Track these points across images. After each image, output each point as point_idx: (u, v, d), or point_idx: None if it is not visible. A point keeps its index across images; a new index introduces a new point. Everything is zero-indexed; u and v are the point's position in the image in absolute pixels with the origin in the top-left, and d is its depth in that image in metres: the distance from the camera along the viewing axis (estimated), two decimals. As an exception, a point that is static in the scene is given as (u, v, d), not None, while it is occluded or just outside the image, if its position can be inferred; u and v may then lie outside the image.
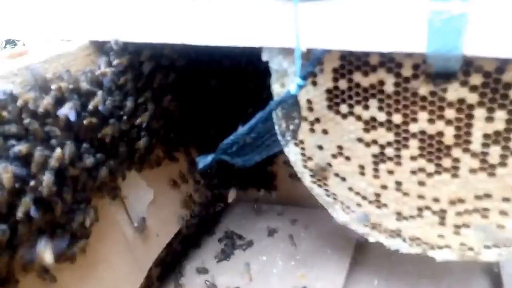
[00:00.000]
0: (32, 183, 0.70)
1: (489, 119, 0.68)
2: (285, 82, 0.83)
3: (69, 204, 0.80)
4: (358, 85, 0.76)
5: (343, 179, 0.92)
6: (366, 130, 0.81)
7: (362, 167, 0.87)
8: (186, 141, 1.27)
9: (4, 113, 0.71)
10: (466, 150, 0.73)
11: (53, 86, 0.77)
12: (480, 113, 0.69)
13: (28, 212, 0.69)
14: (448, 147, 0.74)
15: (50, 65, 0.83)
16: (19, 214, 0.68)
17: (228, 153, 0.75)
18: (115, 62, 0.88)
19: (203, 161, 0.77)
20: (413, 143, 0.77)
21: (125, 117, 0.92)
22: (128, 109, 0.92)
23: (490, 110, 0.68)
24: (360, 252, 1.23)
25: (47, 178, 0.71)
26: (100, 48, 0.91)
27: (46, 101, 0.75)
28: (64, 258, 0.83)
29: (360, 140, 0.83)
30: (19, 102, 0.73)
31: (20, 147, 0.69)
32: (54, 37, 0.94)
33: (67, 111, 0.77)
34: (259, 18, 0.73)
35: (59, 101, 0.78)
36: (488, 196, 0.77)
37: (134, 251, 1.11)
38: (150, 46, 0.91)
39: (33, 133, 0.73)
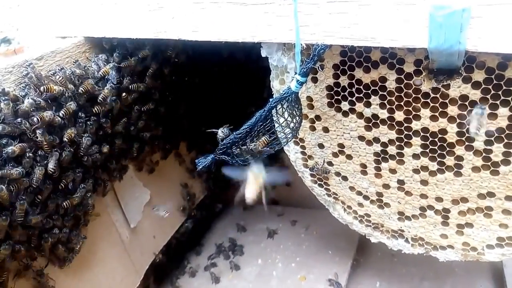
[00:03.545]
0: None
1: (492, 115, 0.67)
2: (285, 79, 0.82)
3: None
4: (359, 81, 0.75)
5: (345, 178, 0.90)
6: (368, 128, 0.80)
7: (364, 165, 0.86)
8: (185, 139, 1.26)
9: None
10: (469, 148, 0.72)
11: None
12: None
13: None
14: (451, 145, 0.73)
15: (45, 63, 0.82)
16: None
17: (228, 154, 0.74)
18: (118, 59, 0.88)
19: (202, 162, 0.76)
20: (416, 141, 0.76)
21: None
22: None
23: (493, 106, 0.67)
24: (362, 253, 1.22)
25: None
26: (96, 44, 0.90)
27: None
28: None
29: (361, 138, 0.82)
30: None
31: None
32: (48, 34, 0.92)
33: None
34: (258, 12, 0.72)
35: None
36: (491, 194, 0.76)
37: (130, 254, 1.09)
38: (148, 42, 0.90)
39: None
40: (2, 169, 0.68)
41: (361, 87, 0.76)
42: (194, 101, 1.18)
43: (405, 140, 0.77)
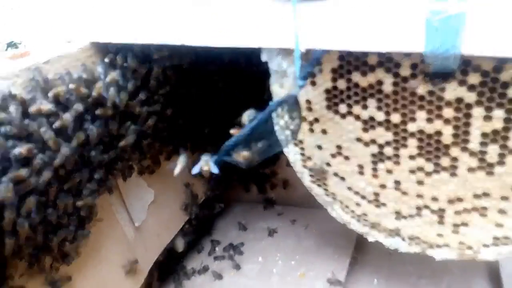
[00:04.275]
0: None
1: (487, 118, 0.69)
2: (284, 83, 0.84)
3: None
4: (356, 85, 0.77)
5: (342, 178, 0.92)
6: (365, 130, 0.81)
7: (361, 166, 0.87)
8: (188, 142, 1.28)
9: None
10: (464, 149, 0.74)
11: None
12: (478, 112, 0.69)
13: None
14: (447, 146, 0.75)
15: (51, 67, 0.84)
16: None
17: (230, 155, 0.75)
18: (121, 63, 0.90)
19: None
20: (412, 143, 0.78)
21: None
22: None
23: (488, 109, 0.68)
24: (360, 251, 1.23)
25: None
26: (101, 49, 0.92)
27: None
28: None
29: (359, 139, 0.84)
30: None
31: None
32: (55, 38, 0.94)
33: None
34: (258, 18, 0.73)
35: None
36: (486, 195, 0.77)
37: (134, 252, 1.11)
38: (152, 47, 0.91)
39: None
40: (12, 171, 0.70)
41: (358, 90, 0.77)
42: (197, 104, 1.20)
43: (401, 142, 0.79)
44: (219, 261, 1.34)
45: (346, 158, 0.88)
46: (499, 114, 0.68)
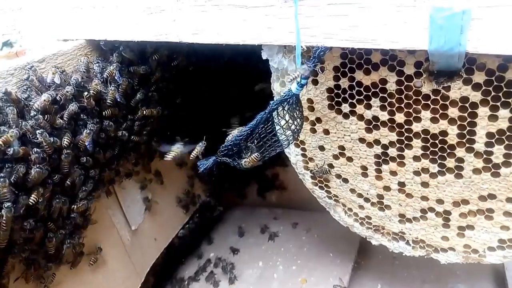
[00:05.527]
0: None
1: (493, 117, 0.67)
2: (285, 81, 0.83)
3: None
4: (360, 83, 0.76)
5: (345, 180, 0.90)
6: (369, 130, 0.80)
7: (364, 167, 0.86)
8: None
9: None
10: (470, 149, 0.72)
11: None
12: (483, 111, 0.68)
13: None
14: (452, 147, 0.73)
15: (46, 65, 0.82)
16: None
17: (229, 156, 0.74)
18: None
19: (204, 164, 0.76)
20: (416, 143, 0.76)
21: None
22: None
23: (494, 108, 0.67)
24: (363, 255, 1.21)
25: None
26: (97, 47, 0.91)
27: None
28: None
29: (362, 140, 0.82)
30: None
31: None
32: (50, 36, 0.93)
33: None
34: (259, 14, 0.72)
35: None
36: (492, 196, 0.75)
37: (131, 256, 1.09)
38: (149, 45, 0.90)
39: None
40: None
41: (362, 89, 0.76)
42: (196, 103, 1.19)
43: (406, 142, 0.77)
44: (217, 267, 1.32)
45: (349, 159, 0.86)
46: (504, 113, 0.66)
